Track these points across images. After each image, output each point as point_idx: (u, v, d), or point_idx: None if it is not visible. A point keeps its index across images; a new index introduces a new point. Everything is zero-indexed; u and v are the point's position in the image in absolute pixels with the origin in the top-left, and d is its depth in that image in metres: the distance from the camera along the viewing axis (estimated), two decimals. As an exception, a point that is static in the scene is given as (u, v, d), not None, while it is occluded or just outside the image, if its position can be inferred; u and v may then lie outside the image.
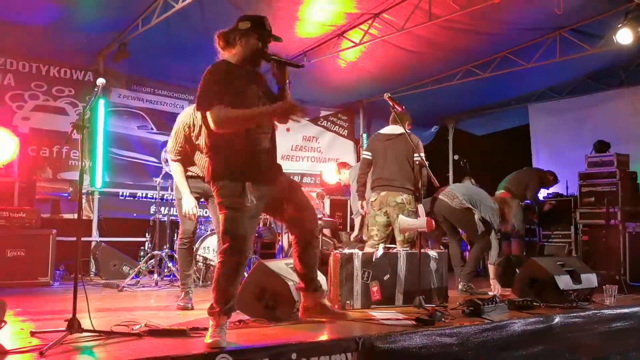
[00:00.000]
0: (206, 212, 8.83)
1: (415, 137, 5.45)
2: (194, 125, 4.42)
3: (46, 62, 7.66)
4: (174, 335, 3.22)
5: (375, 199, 5.38)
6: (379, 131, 5.70)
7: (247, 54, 3.23)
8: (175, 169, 4.53)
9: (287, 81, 3.27)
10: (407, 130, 5.37)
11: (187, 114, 4.49)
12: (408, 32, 7.23)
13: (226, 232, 3.09)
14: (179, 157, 4.51)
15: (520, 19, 7.48)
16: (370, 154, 5.55)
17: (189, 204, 4.47)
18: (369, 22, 7.39)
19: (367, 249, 5.21)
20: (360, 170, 5.62)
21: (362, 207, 5.63)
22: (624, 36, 6.87)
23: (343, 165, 7.49)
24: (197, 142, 4.44)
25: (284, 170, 3.40)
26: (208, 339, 2.97)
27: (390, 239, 5.41)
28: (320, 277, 4.12)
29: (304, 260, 3.40)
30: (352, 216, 7.03)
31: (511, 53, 8.46)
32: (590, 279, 4.97)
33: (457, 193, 5.90)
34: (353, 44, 7.69)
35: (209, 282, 6.20)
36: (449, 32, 7.51)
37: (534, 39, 8.12)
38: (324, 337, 3.32)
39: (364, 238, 6.31)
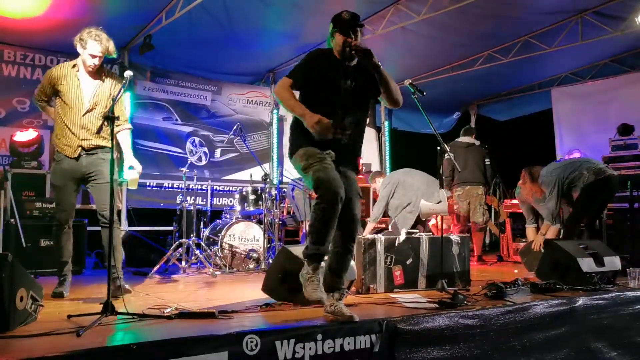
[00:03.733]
0: (231, 201, 8.98)
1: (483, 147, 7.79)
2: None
3: (74, 57, 7.77)
4: (204, 317, 3.31)
5: (462, 192, 7.54)
6: (457, 140, 7.85)
7: (339, 50, 3.53)
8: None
9: (378, 66, 3.46)
10: (476, 141, 7.78)
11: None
12: (428, 18, 7.23)
13: (316, 183, 3.20)
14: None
15: (542, 2, 7.41)
16: (453, 155, 6.61)
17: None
18: (389, 9, 7.41)
19: None
20: (448, 166, 6.99)
21: (452, 195, 7.40)
22: (646, 18, 6.79)
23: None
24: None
25: None
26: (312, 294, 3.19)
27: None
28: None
29: (331, 264, 3.48)
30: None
31: (533, 37, 8.40)
32: (613, 262, 4.94)
33: None
34: (372, 32, 7.72)
35: (235, 269, 6.34)
36: (469, 17, 7.48)
37: (555, 22, 8.05)
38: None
39: None
